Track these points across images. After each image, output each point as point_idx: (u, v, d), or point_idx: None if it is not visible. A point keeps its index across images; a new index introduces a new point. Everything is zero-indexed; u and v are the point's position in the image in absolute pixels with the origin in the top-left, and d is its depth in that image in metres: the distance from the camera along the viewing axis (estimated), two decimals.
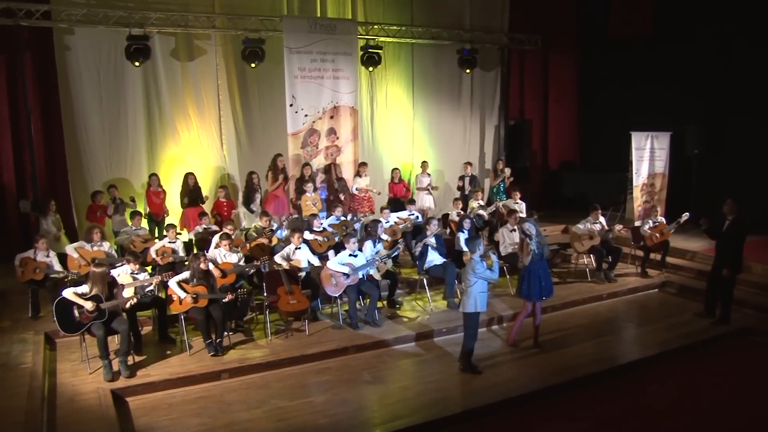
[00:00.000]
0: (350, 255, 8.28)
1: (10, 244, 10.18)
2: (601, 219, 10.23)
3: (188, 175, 10.83)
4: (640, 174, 12.54)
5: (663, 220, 10.54)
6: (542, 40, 14.58)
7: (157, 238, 9.45)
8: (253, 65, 11.46)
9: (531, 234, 7.29)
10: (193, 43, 11.55)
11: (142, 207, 10.87)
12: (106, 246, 8.61)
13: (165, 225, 9.89)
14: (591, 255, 10.29)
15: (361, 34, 12.61)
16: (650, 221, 10.40)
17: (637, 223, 10.84)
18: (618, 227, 10.21)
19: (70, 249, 8.40)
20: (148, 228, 10.39)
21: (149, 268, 8.67)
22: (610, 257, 10.22)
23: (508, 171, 13.07)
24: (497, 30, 14.31)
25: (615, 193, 13.53)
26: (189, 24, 11.06)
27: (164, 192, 10.83)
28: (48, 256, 8.19)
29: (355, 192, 11.85)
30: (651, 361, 7.44)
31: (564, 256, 11.26)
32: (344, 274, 8.09)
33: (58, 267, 8.16)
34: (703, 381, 7.07)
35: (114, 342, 6.86)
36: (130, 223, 9.62)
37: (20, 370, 6.47)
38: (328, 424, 5.83)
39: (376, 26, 12.80)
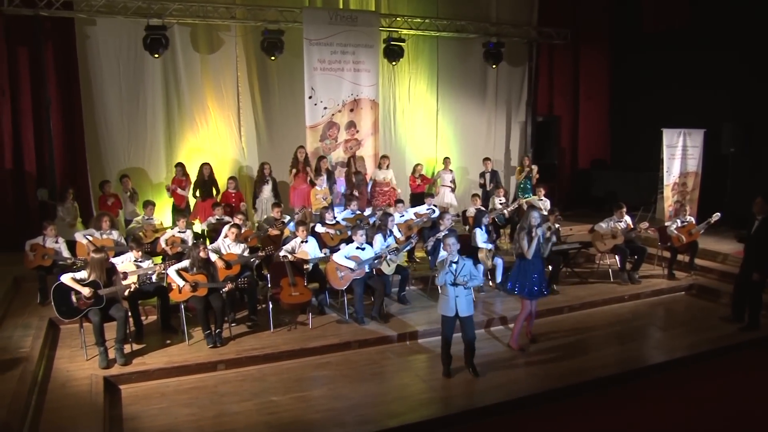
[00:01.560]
0: (357, 248, 8.07)
1: (30, 231, 10.25)
2: (627, 218, 9.81)
3: (203, 166, 10.78)
4: (671, 173, 12.03)
5: (692, 219, 10.06)
6: (573, 34, 14.11)
7: (168, 227, 9.38)
8: (273, 58, 11.34)
9: (537, 224, 6.89)
10: (212, 35, 11.49)
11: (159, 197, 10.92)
12: (115, 234, 8.60)
13: (177, 215, 9.85)
14: (616, 255, 9.88)
15: (383, 27, 12.39)
16: (678, 221, 9.92)
17: (667, 224, 10.36)
18: (643, 226, 9.76)
19: (79, 236, 8.41)
20: (171, 217, 10.41)
21: (159, 258, 8.63)
22: (635, 257, 9.80)
23: (534, 168, 12.68)
24: (525, 23, 13.93)
25: (646, 193, 13.04)
26: (208, 15, 10.99)
27: (189, 182, 10.80)
28: (57, 242, 8.20)
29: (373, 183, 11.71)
30: (671, 366, 7.04)
31: (587, 255, 10.84)
32: (350, 268, 7.88)
33: (66, 254, 8.17)
34: (728, 388, 6.62)
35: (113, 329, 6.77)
36: (142, 213, 9.60)
37: (17, 354, 6.43)
38: (319, 419, 5.63)
39: (399, 18, 12.55)
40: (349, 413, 5.75)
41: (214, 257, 7.60)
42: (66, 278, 6.46)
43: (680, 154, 12.03)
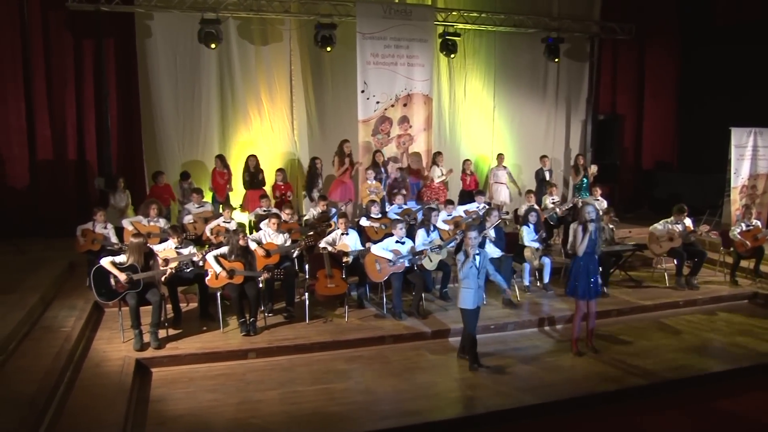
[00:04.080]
0: (397, 242, 7.94)
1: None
2: (686, 220, 9.26)
3: (249, 158, 10.90)
4: (739, 174, 11.30)
5: (758, 223, 9.41)
6: (638, 28, 13.50)
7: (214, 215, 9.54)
8: (329, 49, 11.31)
9: (592, 218, 6.58)
10: (267, 28, 11.58)
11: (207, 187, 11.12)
12: (162, 222, 8.78)
13: (222, 205, 9.98)
14: (674, 259, 9.35)
15: (438, 21, 12.21)
16: (743, 224, 9.30)
17: (732, 227, 9.72)
18: (704, 228, 9.19)
19: (126, 222, 8.65)
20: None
21: (206, 247, 8.75)
22: (695, 260, 9.24)
23: (594, 168, 12.19)
24: (587, 18, 13.43)
25: (713, 196, 12.30)
26: (262, 9, 11.11)
27: (229, 173, 10.95)
28: (105, 228, 8.45)
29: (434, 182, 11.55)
30: (719, 377, 6.59)
31: (644, 259, 10.32)
32: (389, 260, 7.77)
33: (114, 239, 8.41)
34: None
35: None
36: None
37: (59, 332, 6.65)
38: (340, 412, 5.55)
39: (455, 12, 12.34)
40: (372, 408, 5.64)
41: (253, 246, 7.65)
42: (105, 262, 6.64)
43: (750, 155, 11.29)
